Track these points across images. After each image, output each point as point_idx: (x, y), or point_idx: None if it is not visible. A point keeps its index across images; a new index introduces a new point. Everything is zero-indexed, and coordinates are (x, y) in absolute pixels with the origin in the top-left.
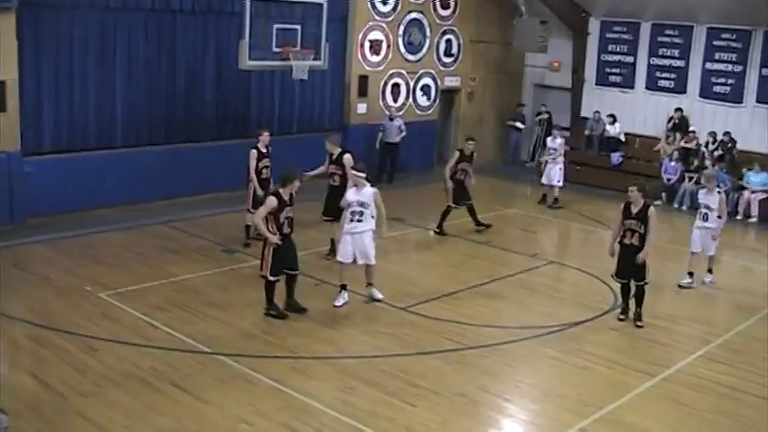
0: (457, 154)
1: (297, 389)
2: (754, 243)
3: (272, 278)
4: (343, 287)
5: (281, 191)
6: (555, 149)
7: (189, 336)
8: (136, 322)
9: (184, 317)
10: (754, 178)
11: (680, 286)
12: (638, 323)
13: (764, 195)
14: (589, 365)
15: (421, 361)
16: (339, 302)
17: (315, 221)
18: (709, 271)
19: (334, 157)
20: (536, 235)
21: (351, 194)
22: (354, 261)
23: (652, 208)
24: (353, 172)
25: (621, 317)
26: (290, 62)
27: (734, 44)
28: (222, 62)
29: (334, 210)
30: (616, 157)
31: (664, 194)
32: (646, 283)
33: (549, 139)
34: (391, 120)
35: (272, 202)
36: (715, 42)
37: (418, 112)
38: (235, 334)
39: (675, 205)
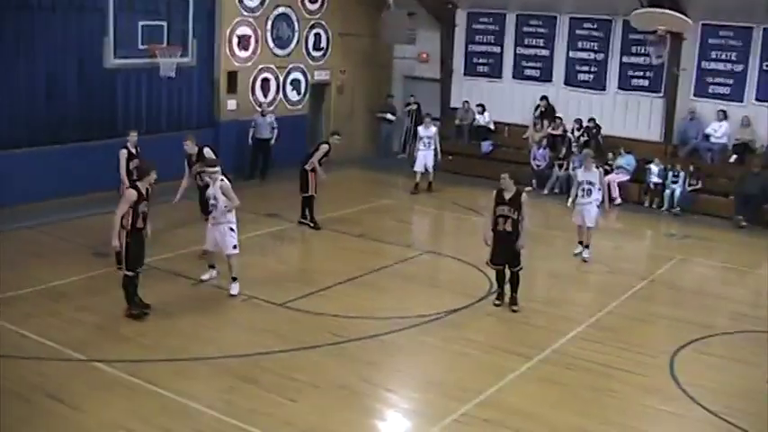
0: (326, 147)
1: (176, 391)
2: (616, 223)
3: (129, 273)
4: (212, 266)
5: (138, 184)
6: (430, 137)
7: (61, 343)
8: (4, 333)
9: (56, 324)
10: (620, 161)
11: (575, 255)
12: (514, 308)
13: (626, 177)
14: (468, 351)
15: (302, 356)
16: (205, 276)
17: (190, 221)
18: (587, 246)
19: (195, 156)
20: (410, 225)
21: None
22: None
23: (524, 194)
24: (204, 168)
25: (497, 302)
26: (157, 59)
27: (595, 33)
28: (86, 61)
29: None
30: (486, 146)
31: (534, 181)
32: (520, 269)
33: (421, 128)
34: (263, 116)
35: (131, 195)
36: (577, 31)
37: (289, 106)
38: (109, 338)
39: (545, 191)
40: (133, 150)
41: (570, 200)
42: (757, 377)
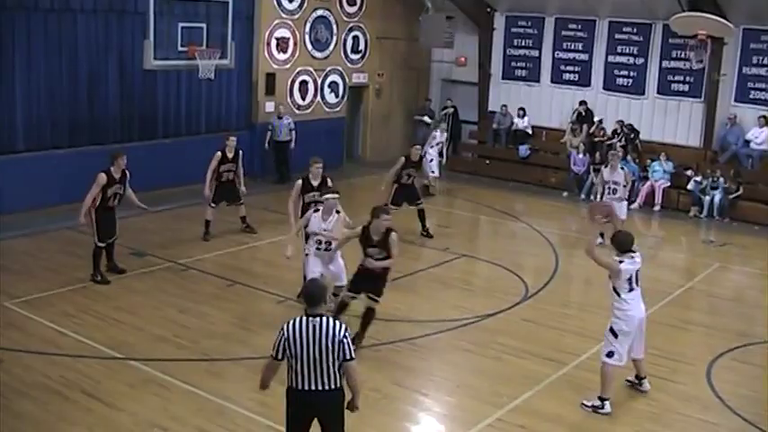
0: (402, 160)
1: (211, 391)
2: (659, 230)
3: (100, 244)
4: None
5: (111, 169)
6: (441, 143)
7: (99, 342)
8: (43, 330)
9: (94, 323)
10: (658, 167)
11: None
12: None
13: (668, 183)
14: (502, 356)
15: None
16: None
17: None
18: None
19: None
20: (446, 229)
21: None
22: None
23: (394, 234)
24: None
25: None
26: (196, 61)
27: (635, 37)
28: (126, 62)
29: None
30: (523, 150)
31: (575, 186)
32: (377, 303)
33: (437, 133)
34: (279, 118)
35: (101, 179)
36: (617, 36)
37: (326, 109)
38: (146, 338)
39: (582, 196)
40: (229, 155)
41: (596, 197)
42: None
